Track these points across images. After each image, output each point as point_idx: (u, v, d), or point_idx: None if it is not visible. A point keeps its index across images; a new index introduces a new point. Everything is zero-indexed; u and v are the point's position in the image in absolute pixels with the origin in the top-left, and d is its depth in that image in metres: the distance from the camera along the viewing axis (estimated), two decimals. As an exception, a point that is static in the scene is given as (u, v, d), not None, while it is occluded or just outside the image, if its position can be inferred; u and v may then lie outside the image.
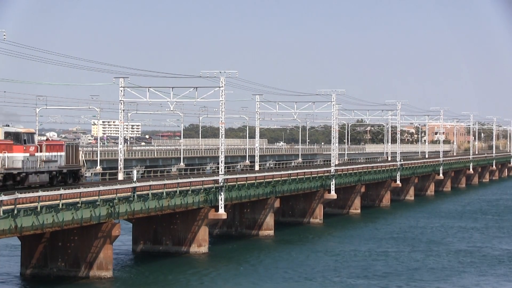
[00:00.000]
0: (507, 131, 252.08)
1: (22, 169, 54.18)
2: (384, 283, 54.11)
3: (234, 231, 76.81)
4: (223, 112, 67.82)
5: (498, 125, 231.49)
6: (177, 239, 64.89)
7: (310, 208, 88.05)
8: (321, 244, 72.41)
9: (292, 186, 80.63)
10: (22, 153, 54.57)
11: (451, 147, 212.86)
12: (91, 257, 53.02)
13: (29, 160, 54.99)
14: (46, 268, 53.39)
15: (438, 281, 55.02)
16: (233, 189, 69.15)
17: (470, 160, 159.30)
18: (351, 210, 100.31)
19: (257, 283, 53.89)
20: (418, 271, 58.80)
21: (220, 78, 67.58)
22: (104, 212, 52.64)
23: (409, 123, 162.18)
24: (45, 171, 56.72)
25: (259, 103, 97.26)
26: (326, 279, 55.10)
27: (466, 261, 63.56)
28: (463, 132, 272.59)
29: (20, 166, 53.99)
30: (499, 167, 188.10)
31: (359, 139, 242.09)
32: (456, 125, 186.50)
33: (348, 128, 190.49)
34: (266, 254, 65.86)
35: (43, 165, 56.32)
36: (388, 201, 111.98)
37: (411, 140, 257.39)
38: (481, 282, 55.34)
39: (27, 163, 54.68)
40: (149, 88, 71.45)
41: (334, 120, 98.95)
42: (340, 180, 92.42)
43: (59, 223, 48.99)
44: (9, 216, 45.24)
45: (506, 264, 62.53)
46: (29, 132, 56.24)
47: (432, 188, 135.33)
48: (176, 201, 60.83)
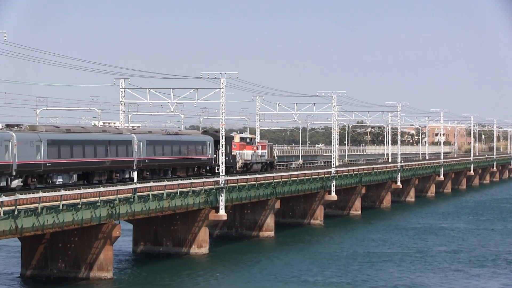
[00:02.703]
0: (508, 133, 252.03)
1: (250, 161, 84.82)
2: (384, 284, 54.11)
3: (234, 232, 76.80)
4: (224, 114, 67.82)
5: (499, 127, 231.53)
6: (177, 240, 64.86)
7: (311, 209, 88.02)
8: (322, 245, 72.40)
9: (292, 187, 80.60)
10: (250, 151, 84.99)
11: (451, 149, 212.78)
12: (92, 258, 53.00)
13: (253, 155, 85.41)
14: (46, 269, 53.37)
15: (440, 284, 55.03)
16: (233, 190, 69.13)
17: (471, 162, 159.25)
18: (352, 211, 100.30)
19: (257, 284, 53.88)
20: (418, 271, 58.80)
21: (221, 79, 67.59)
22: (104, 213, 52.62)
23: (410, 124, 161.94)
24: (260, 162, 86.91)
25: (259, 104, 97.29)
26: (326, 280, 55.08)
27: (467, 262, 63.57)
28: (463, 133, 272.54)
29: (249, 159, 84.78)
30: (499, 168, 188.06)
31: (360, 141, 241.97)
32: (456, 127, 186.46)
33: (349, 129, 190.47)
34: (267, 255, 65.84)
35: (259, 158, 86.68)
36: (389, 202, 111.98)
37: (412, 142, 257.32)
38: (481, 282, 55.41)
39: (253, 157, 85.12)
40: (150, 89, 71.43)
41: (335, 121, 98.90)
42: (340, 181, 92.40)
43: (60, 224, 48.98)
44: (9, 217, 45.23)
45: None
46: (253, 137, 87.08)
47: (432, 189, 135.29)
48: (176, 202, 60.81)
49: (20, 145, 52.02)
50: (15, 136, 51.93)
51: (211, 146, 75.92)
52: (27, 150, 52.83)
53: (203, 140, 75.36)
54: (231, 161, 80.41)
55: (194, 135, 76.94)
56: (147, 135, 67.74)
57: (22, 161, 52.17)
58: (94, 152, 59.79)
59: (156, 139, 68.35)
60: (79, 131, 60.16)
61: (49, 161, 54.76)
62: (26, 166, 52.64)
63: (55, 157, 55.44)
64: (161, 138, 69.44)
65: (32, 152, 53.41)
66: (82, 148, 58.53)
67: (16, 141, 51.75)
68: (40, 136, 54.61)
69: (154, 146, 67.25)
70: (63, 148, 56.38)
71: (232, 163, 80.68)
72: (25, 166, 52.60)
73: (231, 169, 79.61)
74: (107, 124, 68.36)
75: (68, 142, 57.18)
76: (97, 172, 60.48)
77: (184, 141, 72.40)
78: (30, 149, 53.19)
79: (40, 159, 54.12)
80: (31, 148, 53.26)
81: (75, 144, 57.95)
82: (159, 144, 68.34)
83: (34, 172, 53.81)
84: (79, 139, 58.70)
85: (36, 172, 54.03)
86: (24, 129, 54.82)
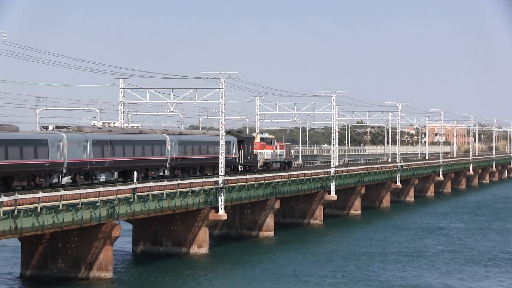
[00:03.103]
0: (507, 133, 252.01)
1: (270, 160, 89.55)
2: (384, 285, 54.13)
3: (234, 232, 76.81)
4: (223, 114, 67.83)
5: (498, 127, 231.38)
6: (177, 240, 64.86)
7: (310, 209, 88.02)
8: (321, 245, 72.41)
9: (292, 187, 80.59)
10: (270, 150, 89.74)
11: (451, 149, 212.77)
12: (91, 258, 53.00)
13: (273, 154, 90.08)
14: (46, 269, 53.37)
15: (438, 284, 55.05)
16: (233, 190, 69.13)
17: (470, 162, 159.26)
18: (351, 211, 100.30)
19: (257, 284, 53.89)
20: (416, 270, 58.84)
21: (220, 79, 67.59)
22: (104, 213, 52.61)
23: (409, 124, 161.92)
24: (279, 161, 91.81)
25: (259, 104, 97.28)
26: (326, 281, 55.10)
27: (465, 261, 63.62)
28: (463, 133, 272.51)
29: (269, 158, 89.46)
30: (499, 168, 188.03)
31: (359, 141, 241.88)
32: (456, 127, 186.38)
33: (348, 129, 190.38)
34: (266, 255, 65.84)
35: (278, 157, 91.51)
36: (388, 202, 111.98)
37: (411, 142, 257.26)
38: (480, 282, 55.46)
39: (272, 156, 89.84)
40: (149, 89, 71.45)
41: (334, 121, 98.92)
42: (340, 181, 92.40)
43: (59, 224, 48.97)
44: (9, 217, 45.24)
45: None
46: (272, 138, 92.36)
47: (432, 189, 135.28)
48: (176, 202, 60.81)
49: (69, 145, 56.78)
50: (65, 136, 56.72)
51: (235, 146, 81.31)
52: (76, 150, 57.54)
53: (228, 141, 79.19)
54: (253, 160, 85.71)
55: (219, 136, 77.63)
56: (179, 135, 72.48)
57: (72, 160, 56.97)
58: (132, 151, 64.52)
59: (187, 140, 73.25)
60: (119, 132, 64.98)
61: (94, 160, 59.55)
62: (74, 164, 57.40)
63: (99, 156, 60.22)
64: (190, 139, 74.43)
65: (80, 151, 58.13)
66: (122, 147, 63.21)
67: (66, 141, 56.57)
68: (86, 136, 59.35)
69: (184, 146, 72.01)
70: (105, 148, 61.09)
71: (254, 162, 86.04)
72: (74, 164, 57.34)
73: (252, 167, 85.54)
74: (107, 124, 68.37)
75: (110, 142, 61.91)
76: (136, 170, 63.85)
77: (211, 141, 76.73)
78: (78, 149, 57.88)
79: (86, 158, 58.90)
80: (78, 147, 57.97)
81: (116, 144, 62.67)
82: (189, 144, 73.16)
83: (81, 170, 58.56)
84: (120, 139, 63.50)
85: (83, 170, 58.81)
86: (72, 130, 59.44)
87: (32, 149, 53.71)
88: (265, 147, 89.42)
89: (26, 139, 53.85)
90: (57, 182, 56.06)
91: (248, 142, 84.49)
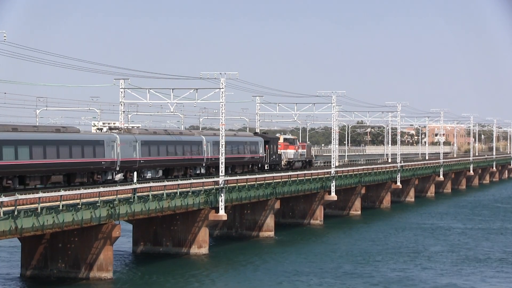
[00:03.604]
0: (507, 133, 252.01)
1: (293, 159, 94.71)
2: (384, 285, 54.13)
3: (234, 232, 76.80)
4: (224, 114, 67.83)
5: (498, 127, 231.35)
6: (177, 240, 64.87)
7: (311, 209, 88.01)
8: (321, 246, 72.41)
9: (292, 187, 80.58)
10: (293, 150, 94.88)
11: (451, 149, 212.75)
12: (91, 258, 53.00)
13: (295, 154, 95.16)
14: (46, 269, 53.38)
15: (435, 284, 55.08)
16: (233, 191, 69.12)
17: (470, 162, 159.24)
18: (352, 212, 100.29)
19: (257, 284, 53.90)
20: (414, 271, 58.86)
21: (220, 80, 67.59)
22: (104, 213, 52.61)
23: (409, 124, 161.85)
24: (300, 160, 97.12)
25: (259, 104, 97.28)
26: (326, 281, 55.11)
27: (463, 261, 63.65)
28: (463, 133, 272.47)
29: (292, 157, 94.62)
30: (499, 168, 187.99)
31: (359, 141, 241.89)
32: (456, 127, 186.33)
33: (348, 129, 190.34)
34: (266, 255, 65.85)
35: (300, 157, 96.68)
36: (389, 202, 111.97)
37: (411, 142, 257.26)
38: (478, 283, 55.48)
39: (295, 156, 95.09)
40: (150, 89, 71.44)
41: (334, 121, 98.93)
42: (340, 181, 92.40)
43: (59, 224, 48.98)
44: (9, 217, 45.24)
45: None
46: (295, 138, 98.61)
47: (432, 189, 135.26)
48: (176, 203, 60.81)
49: (122, 145, 62.27)
50: (118, 137, 62.28)
51: (262, 146, 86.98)
52: (127, 149, 62.97)
53: (256, 141, 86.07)
54: (277, 159, 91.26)
55: (248, 137, 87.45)
56: (213, 136, 76.73)
57: (124, 159, 62.51)
58: (174, 151, 69.79)
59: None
60: (163, 133, 70.81)
61: (142, 159, 65.00)
62: (126, 162, 62.90)
63: (146, 155, 65.64)
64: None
65: (130, 151, 63.56)
66: (166, 147, 68.61)
67: (120, 142, 62.09)
68: (135, 137, 64.83)
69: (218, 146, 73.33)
70: (152, 148, 66.46)
71: (278, 161, 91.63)
72: (126, 163, 62.86)
73: (277, 166, 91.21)
74: (107, 124, 68.56)
75: (155, 142, 67.32)
76: (176, 168, 70.21)
77: (241, 141, 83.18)
78: (129, 149, 63.26)
79: (135, 157, 64.33)
80: (129, 147, 63.37)
81: (161, 144, 68.12)
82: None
83: (132, 168, 63.66)
84: (163, 140, 68.94)
85: (133, 167, 63.77)
86: (123, 131, 65.14)
87: (91, 149, 59.08)
88: (288, 147, 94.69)
89: (86, 140, 59.32)
90: (111, 179, 61.25)
91: (273, 142, 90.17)
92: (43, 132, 56.14)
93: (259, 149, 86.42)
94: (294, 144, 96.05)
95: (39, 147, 54.32)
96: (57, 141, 56.17)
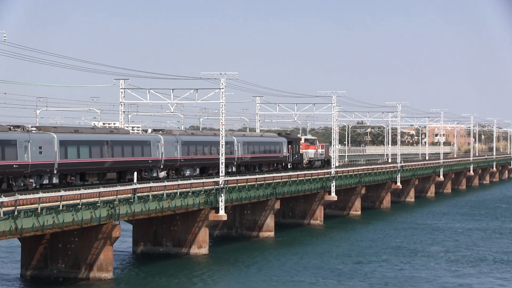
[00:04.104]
0: (508, 133, 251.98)
1: (313, 158, 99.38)
2: (384, 285, 54.15)
3: (234, 232, 76.82)
4: (224, 114, 67.85)
5: (499, 127, 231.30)
6: (177, 240, 64.88)
7: (311, 209, 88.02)
8: (321, 246, 72.41)
9: (292, 187, 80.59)
10: (313, 150, 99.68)
11: (451, 149, 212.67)
12: (91, 258, 53.02)
13: (315, 153, 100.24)
14: (46, 269, 53.40)
15: (434, 283, 55.09)
16: (233, 191, 69.14)
17: (471, 162, 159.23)
18: (352, 212, 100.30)
19: (257, 284, 53.91)
20: (417, 273, 58.87)
21: (221, 80, 67.61)
22: (104, 214, 52.63)
23: (410, 124, 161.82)
24: (320, 159, 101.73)
25: (259, 104, 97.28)
26: (325, 281, 55.12)
27: (461, 261, 63.68)
28: (463, 134, 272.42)
29: (312, 157, 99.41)
30: (499, 169, 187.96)
31: (360, 141, 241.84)
32: (456, 127, 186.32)
33: (349, 129, 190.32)
34: (266, 256, 65.86)
35: (319, 156, 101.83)
36: (389, 202, 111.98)
37: (412, 142, 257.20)
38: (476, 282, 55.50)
39: (315, 155, 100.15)
40: (150, 89, 71.47)
41: (335, 121, 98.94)
42: (340, 181, 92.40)
43: (60, 224, 49.00)
44: (9, 218, 45.26)
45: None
46: (315, 139, 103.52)
47: (432, 189, 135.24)
48: (176, 203, 60.82)
49: (166, 145, 67.72)
50: (162, 138, 67.83)
51: (286, 146, 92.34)
52: (170, 149, 68.16)
53: (280, 141, 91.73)
54: (299, 158, 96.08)
55: (273, 137, 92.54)
56: (243, 137, 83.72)
57: (167, 157, 67.91)
58: (210, 151, 75.03)
59: (249, 141, 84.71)
60: (200, 134, 78.20)
61: (182, 158, 70.55)
62: (169, 161, 68.23)
63: (186, 154, 71.28)
64: (252, 140, 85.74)
65: (172, 150, 68.69)
66: (202, 148, 74.39)
67: (163, 142, 67.59)
68: (177, 138, 70.21)
69: (247, 146, 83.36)
70: (191, 148, 72.12)
71: (300, 160, 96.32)
72: (168, 161, 68.20)
73: (299, 165, 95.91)
74: (107, 124, 68.62)
75: (193, 143, 73.01)
76: (211, 167, 75.16)
77: (267, 142, 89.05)
78: (171, 148, 68.36)
79: (177, 156, 69.72)
80: (172, 147, 68.48)
81: (198, 144, 73.85)
82: (251, 144, 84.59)
83: (173, 166, 69.48)
84: (201, 141, 74.69)
85: (175, 166, 69.55)
86: (166, 132, 71.00)
87: (140, 149, 64.88)
88: (309, 147, 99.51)
89: (136, 140, 65.05)
90: (156, 176, 66.91)
91: (295, 142, 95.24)
92: (100, 134, 62.12)
93: (283, 149, 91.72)
94: (314, 144, 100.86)
95: (97, 147, 60.12)
96: (112, 141, 61.74)
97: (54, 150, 55.54)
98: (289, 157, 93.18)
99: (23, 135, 53.43)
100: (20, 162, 52.56)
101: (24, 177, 53.41)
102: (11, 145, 52.13)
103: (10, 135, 52.61)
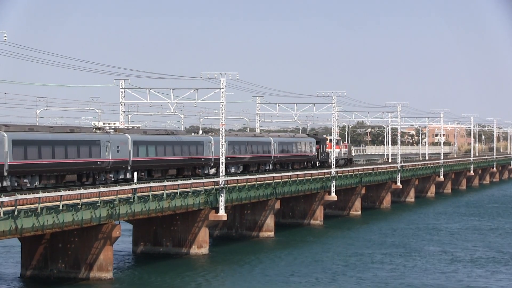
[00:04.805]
0: (508, 133, 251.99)
1: (338, 157, 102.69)
2: (383, 285, 54.15)
3: (234, 232, 76.82)
4: (224, 114, 67.85)
5: (499, 127, 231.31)
6: (177, 240, 64.88)
7: (311, 209, 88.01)
8: (321, 246, 72.42)
9: (292, 187, 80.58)
10: (338, 149, 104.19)
11: (451, 149, 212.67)
12: (91, 258, 53.01)
13: (340, 153, 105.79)
14: (46, 269, 53.38)
15: (433, 284, 55.08)
16: (233, 191, 69.14)
17: (471, 162, 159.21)
18: (352, 212, 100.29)
19: (257, 284, 53.90)
20: (418, 273, 58.87)
21: (221, 80, 67.60)
22: (104, 214, 52.63)
23: (410, 125, 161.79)
24: (343, 158, 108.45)
25: (259, 104, 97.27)
26: (325, 281, 55.13)
27: (460, 261, 63.71)
28: (463, 134, 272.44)
29: (337, 156, 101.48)
30: (499, 169, 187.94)
31: (360, 141, 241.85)
32: (456, 127, 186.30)
33: (349, 129, 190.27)
34: (267, 256, 65.86)
35: (343, 155, 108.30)
36: (389, 202, 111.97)
37: (412, 142, 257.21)
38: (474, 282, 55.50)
39: (339, 154, 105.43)
40: (150, 89, 71.46)
41: (335, 121, 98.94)
42: (340, 181, 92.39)
43: (60, 224, 48.99)
44: (9, 217, 45.25)
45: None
46: (339, 139, 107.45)
47: (432, 190, 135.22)
48: (176, 203, 60.82)
49: (215, 144, 73.87)
50: (212, 139, 75.19)
51: (314, 146, 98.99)
52: (218, 149, 71.35)
53: (310, 141, 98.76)
54: (326, 157, 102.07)
55: (303, 138, 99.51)
56: (278, 138, 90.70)
57: (216, 156, 73.28)
58: (251, 150, 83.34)
59: (284, 141, 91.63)
60: (242, 135, 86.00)
61: (229, 156, 77.41)
62: (217, 160, 72.00)
63: (231, 153, 79.09)
64: (286, 140, 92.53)
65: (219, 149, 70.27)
66: (245, 147, 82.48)
67: (213, 142, 74.64)
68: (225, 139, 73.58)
69: (282, 146, 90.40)
70: (235, 147, 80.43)
71: (327, 159, 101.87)
72: (217, 160, 72.38)
73: (325, 163, 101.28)
74: (107, 124, 68.58)
75: (238, 143, 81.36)
76: (252, 165, 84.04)
77: (299, 142, 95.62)
78: (218, 148, 70.49)
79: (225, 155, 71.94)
80: (218, 147, 70.47)
81: (241, 144, 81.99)
82: (285, 144, 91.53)
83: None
84: (243, 141, 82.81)
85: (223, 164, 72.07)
86: (214, 133, 78.25)
87: (195, 148, 72.52)
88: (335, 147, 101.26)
89: (191, 141, 72.81)
90: (207, 173, 74.31)
91: (323, 142, 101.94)
92: (162, 135, 69.85)
93: (313, 148, 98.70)
94: (339, 144, 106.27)
95: (161, 146, 67.77)
96: (172, 141, 69.65)
97: (128, 149, 63.43)
98: (318, 156, 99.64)
99: (105, 136, 61.58)
100: (103, 160, 60.63)
101: (105, 173, 61.03)
102: (96, 144, 60.01)
103: (96, 136, 60.74)
